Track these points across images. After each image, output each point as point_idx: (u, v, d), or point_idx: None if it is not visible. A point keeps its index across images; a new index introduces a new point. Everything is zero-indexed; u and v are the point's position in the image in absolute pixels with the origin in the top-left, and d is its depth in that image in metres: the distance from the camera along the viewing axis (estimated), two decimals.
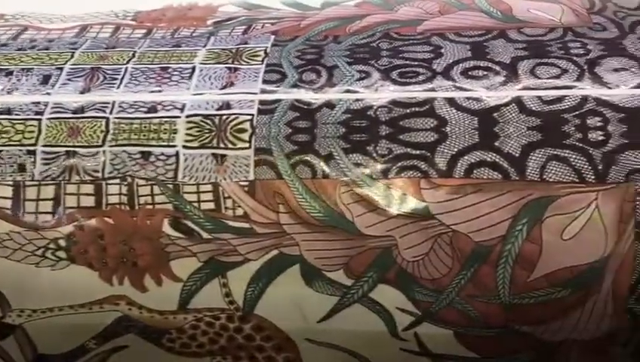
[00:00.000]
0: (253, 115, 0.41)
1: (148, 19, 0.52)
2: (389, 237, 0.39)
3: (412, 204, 0.39)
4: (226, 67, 0.44)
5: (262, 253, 0.40)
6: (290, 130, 0.41)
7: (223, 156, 0.40)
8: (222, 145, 0.41)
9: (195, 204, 0.40)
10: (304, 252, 0.40)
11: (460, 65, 0.42)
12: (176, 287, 0.42)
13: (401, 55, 0.44)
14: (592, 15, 0.46)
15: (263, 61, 0.44)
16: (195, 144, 0.41)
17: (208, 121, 0.42)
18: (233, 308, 0.42)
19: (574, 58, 0.41)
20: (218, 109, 0.42)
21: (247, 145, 0.40)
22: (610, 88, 0.39)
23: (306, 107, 0.41)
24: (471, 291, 0.40)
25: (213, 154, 0.41)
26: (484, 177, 0.38)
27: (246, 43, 0.47)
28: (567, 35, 0.44)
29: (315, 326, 0.42)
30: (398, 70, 0.42)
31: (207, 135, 0.41)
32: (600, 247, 0.38)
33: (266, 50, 0.45)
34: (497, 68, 0.41)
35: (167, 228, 0.40)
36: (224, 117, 0.41)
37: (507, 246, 0.38)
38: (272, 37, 0.47)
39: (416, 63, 0.43)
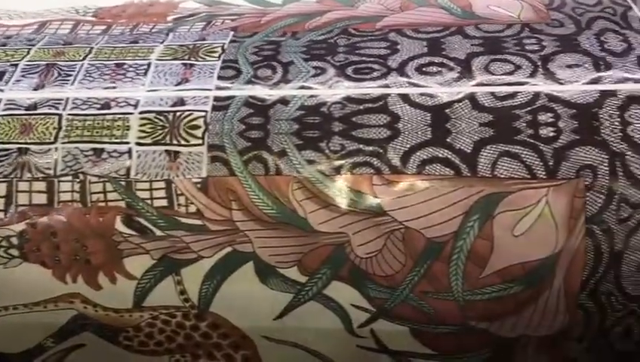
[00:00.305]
0: (207, 111, 0.41)
1: (108, 15, 0.51)
2: (342, 233, 0.39)
3: (364, 200, 0.39)
4: (181, 63, 0.44)
5: (215, 250, 0.40)
6: (243, 127, 0.40)
7: (176, 153, 0.40)
8: (175, 142, 0.40)
9: (148, 201, 0.40)
10: (257, 249, 0.40)
11: (415, 61, 0.42)
12: (131, 285, 0.41)
13: (357, 51, 0.43)
14: (550, 11, 0.46)
15: (219, 57, 0.44)
16: (148, 141, 0.41)
17: (162, 118, 0.41)
18: (188, 306, 0.42)
19: (529, 54, 0.41)
20: (172, 106, 0.41)
21: (200, 141, 0.40)
22: (562, 84, 0.39)
23: (260, 103, 0.41)
24: (425, 287, 0.40)
25: (166, 150, 0.40)
26: (436, 173, 0.38)
27: (204, 39, 0.47)
28: (524, 32, 0.44)
29: (271, 323, 0.42)
30: (354, 66, 0.42)
31: (160, 132, 0.41)
32: (551, 243, 0.38)
33: (223, 47, 0.45)
34: (452, 64, 0.41)
35: (119, 225, 0.40)
36: (178, 113, 0.41)
37: (459, 243, 0.38)
38: (231, 33, 0.47)
39: (371, 60, 0.43)
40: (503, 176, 0.38)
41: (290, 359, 0.44)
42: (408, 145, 0.39)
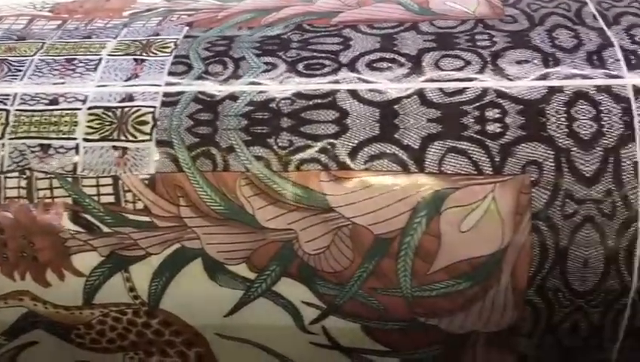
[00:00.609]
0: (155, 107, 0.41)
1: (65, 10, 0.51)
2: (290, 230, 0.39)
3: (312, 196, 0.38)
4: (133, 59, 0.44)
5: (163, 246, 0.40)
6: (192, 123, 0.40)
7: (124, 149, 0.40)
8: (123, 138, 0.40)
9: (95, 198, 0.39)
10: (206, 245, 0.40)
11: (366, 57, 0.42)
12: (80, 282, 0.41)
13: (310, 47, 0.43)
14: (506, 7, 0.46)
15: (171, 53, 0.44)
16: (96, 137, 0.40)
17: (110, 114, 0.41)
18: (139, 303, 0.41)
19: (479, 50, 0.41)
20: (121, 101, 0.41)
21: (148, 137, 0.40)
22: (511, 80, 0.39)
23: (209, 99, 0.41)
24: (373, 284, 0.39)
25: (113, 146, 0.40)
26: (384, 169, 0.38)
27: (157, 34, 0.46)
28: (477, 27, 0.43)
29: (222, 320, 0.42)
30: (305, 62, 0.42)
31: (108, 127, 0.40)
32: (497, 239, 0.38)
33: (176, 42, 0.45)
34: (403, 60, 0.41)
35: (66, 222, 0.40)
36: (126, 109, 0.41)
37: (406, 239, 0.38)
38: (186, 29, 0.47)
39: (323, 55, 0.42)
40: (449, 172, 0.38)
41: (244, 356, 0.44)
42: (356, 141, 0.38)
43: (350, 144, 0.39)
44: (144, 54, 0.44)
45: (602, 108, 0.38)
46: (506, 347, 0.41)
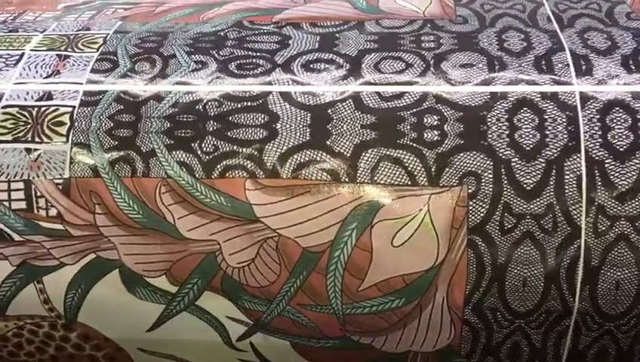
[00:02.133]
0: (74, 106, 0.38)
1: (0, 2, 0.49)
2: (213, 241, 0.36)
3: (236, 206, 0.36)
4: (56, 54, 0.41)
5: (78, 256, 0.37)
6: (112, 124, 0.37)
7: (38, 151, 0.37)
8: (37, 140, 0.37)
9: (6, 203, 0.37)
10: (123, 256, 0.37)
11: (303, 57, 0.39)
12: None
13: (245, 45, 0.41)
14: (458, 7, 0.44)
15: (98, 49, 0.42)
16: (9, 138, 0.37)
17: (25, 113, 0.38)
18: (54, 316, 0.39)
19: (423, 52, 0.39)
20: (38, 100, 0.38)
21: (64, 139, 0.37)
22: (452, 85, 0.37)
23: (132, 99, 0.38)
24: (302, 300, 0.37)
25: (26, 148, 0.37)
26: (313, 178, 0.36)
27: (88, 29, 0.44)
28: (425, 28, 0.41)
29: (144, 335, 0.39)
30: (238, 61, 0.39)
31: (22, 128, 0.38)
32: (432, 255, 0.35)
33: (105, 38, 0.43)
34: (341, 61, 0.39)
35: None
36: (43, 108, 0.38)
37: (336, 253, 0.36)
38: (118, 23, 0.44)
39: (258, 55, 0.40)
40: (382, 182, 0.35)
41: None
42: (285, 148, 0.36)
43: (279, 150, 0.36)
44: (69, 50, 0.42)
45: (546, 117, 0.35)
46: None
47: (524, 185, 0.34)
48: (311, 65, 0.39)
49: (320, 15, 0.44)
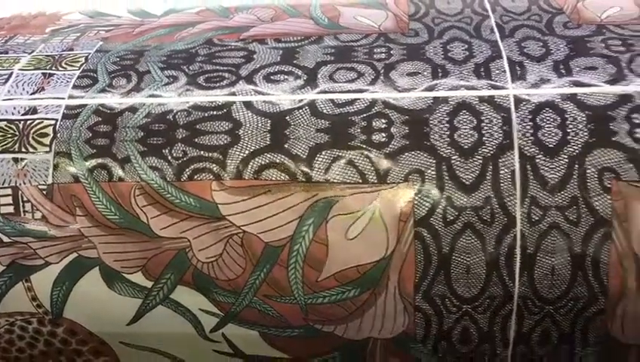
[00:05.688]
0: (57, 119, 0.42)
1: None
2: (183, 238, 0.40)
3: (204, 206, 0.39)
4: (41, 73, 0.45)
5: (62, 256, 0.41)
6: (90, 134, 0.41)
7: (24, 160, 0.41)
8: (23, 150, 0.41)
9: None
10: (102, 255, 0.40)
11: (265, 69, 0.43)
12: None
13: (214, 60, 0.44)
14: (412, 21, 0.47)
15: (80, 67, 0.45)
16: None
17: (13, 126, 0.42)
18: (42, 312, 0.42)
19: (374, 62, 0.42)
20: (24, 114, 0.42)
21: (47, 149, 0.41)
22: (399, 92, 0.41)
23: (109, 111, 0.42)
24: (267, 291, 0.40)
25: (14, 158, 0.41)
26: (273, 179, 0.39)
27: (72, 49, 0.48)
28: (378, 41, 0.45)
29: (125, 329, 0.42)
30: (206, 75, 0.43)
31: (10, 140, 0.41)
32: (382, 246, 0.38)
33: (87, 57, 0.46)
34: (299, 72, 0.42)
35: None
36: (29, 122, 0.42)
37: (295, 247, 0.39)
38: (100, 43, 0.48)
39: (225, 69, 0.44)
40: (335, 180, 0.39)
41: None
42: (247, 152, 0.39)
43: (241, 154, 0.40)
44: (54, 68, 0.45)
45: (483, 118, 0.39)
46: (404, 352, 0.42)
47: (464, 181, 0.38)
48: (272, 77, 0.42)
49: (284, 31, 0.47)
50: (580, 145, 0.38)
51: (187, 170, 0.39)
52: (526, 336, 0.40)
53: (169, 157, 0.40)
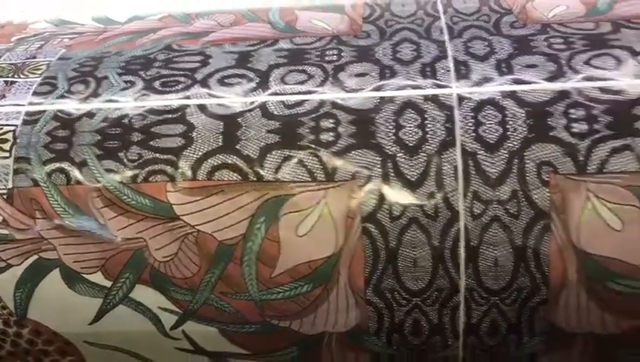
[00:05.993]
0: (17, 125, 0.43)
1: None
2: (140, 238, 0.41)
3: (159, 206, 0.41)
4: (3, 81, 0.46)
5: (23, 258, 0.42)
6: (49, 139, 0.42)
7: None
8: None
9: None
10: (62, 256, 0.42)
11: (219, 73, 0.44)
12: None
13: (171, 65, 0.46)
14: (365, 23, 0.48)
15: (41, 74, 0.46)
16: None
17: None
18: (7, 313, 0.43)
19: (324, 64, 0.44)
20: None
21: (7, 154, 0.42)
22: (347, 92, 0.42)
23: (67, 117, 0.43)
24: (223, 289, 0.41)
25: None
26: (225, 179, 0.40)
27: (34, 57, 0.49)
28: (331, 43, 0.46)
29: (88, 328, 0.43)
30: (162, 80, 0.44)
31: None
32: (332, 242, 0.39)
33: (49, 64, 0.47)
34: (252, 75, 0.44)
35: None
36: None
37: (248, 244, 0.40)
38: (62, 51, 0.49)
39: (181, 73, 0.45)
40: (285, 179, 0.40)
41: None
42: (200, 153, 0.41)
43: (194, 156, 0.41)
44: (15, 76, 0.47)
45: (427, 116, 0.40)
46: (359, 346, 0.43)
47: (409, 177, 0.39)
48: (225, 80, 0.44)
49: (242, 36, 0.49)
50: (519, 141, 0.39)
51: (142, 172, 0.41)
52: (475, 327, 0.41)
53: (125, 160, 0.41)
